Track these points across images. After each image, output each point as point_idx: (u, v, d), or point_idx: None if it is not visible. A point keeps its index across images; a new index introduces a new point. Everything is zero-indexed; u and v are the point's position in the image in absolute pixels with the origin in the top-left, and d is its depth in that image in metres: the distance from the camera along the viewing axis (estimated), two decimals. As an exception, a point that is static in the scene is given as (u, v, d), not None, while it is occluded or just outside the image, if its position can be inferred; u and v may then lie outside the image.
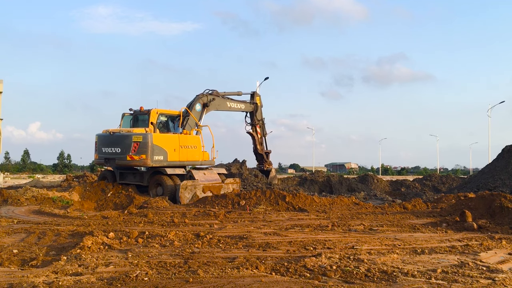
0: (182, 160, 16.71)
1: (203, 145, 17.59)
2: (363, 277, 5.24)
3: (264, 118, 22.40)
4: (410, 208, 13.21)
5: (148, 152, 15.64)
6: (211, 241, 7.57)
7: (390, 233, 8.75)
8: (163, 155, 16.05)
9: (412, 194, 20.63)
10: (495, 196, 11.02)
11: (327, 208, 12.92)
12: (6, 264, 6.00)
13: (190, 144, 17.02)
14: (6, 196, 14.21)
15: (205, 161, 17.83)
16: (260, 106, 21.91)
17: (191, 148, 17.03)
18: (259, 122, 21.85)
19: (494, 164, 21.65)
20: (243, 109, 21.21)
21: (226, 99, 20.05)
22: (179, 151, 16.58)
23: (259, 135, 21.98)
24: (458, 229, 9.33)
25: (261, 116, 21.97)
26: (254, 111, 21.59)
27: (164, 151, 16.11)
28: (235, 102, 20.54)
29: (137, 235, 7.98)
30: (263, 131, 22.26)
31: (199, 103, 18.47)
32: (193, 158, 17.10)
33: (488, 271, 5.63)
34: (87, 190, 16.61)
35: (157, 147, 15.86)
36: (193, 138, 17.26)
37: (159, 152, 15.94)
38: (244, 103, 21.10)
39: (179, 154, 16.58)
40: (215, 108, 19.38)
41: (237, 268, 5.56)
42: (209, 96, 18.82)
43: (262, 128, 22.12)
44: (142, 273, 5.22)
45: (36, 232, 8.46)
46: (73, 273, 5.33)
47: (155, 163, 15.86)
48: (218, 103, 19.49)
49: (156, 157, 15.82)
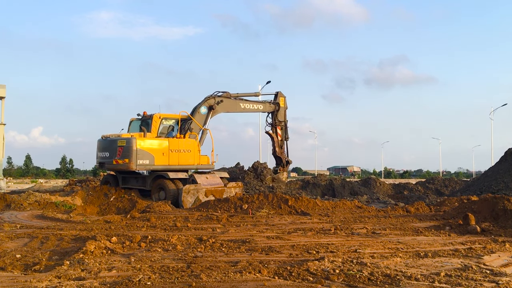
0: (173, 164, 16.59)
1: (199, 149, 17.35)
2: (366, 281, 5.23)
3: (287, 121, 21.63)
4: (413, 211, 13.18)
5: (131, 156, 15.86)
6: (214, 245, 7.56)
7: (393, 237, 8.73)
8: (149, 159, 16.13)
9: (415, 197, 20.57)
10: (498, 199, 10.98)
11: (329, 212, 12.90)
12: (9, 269, 6.01)
13: (183, 148, 16.82)
14: (9, 201, 14.25)
15: (202, 165, 17.55)
16: (284, 108, 21.19)
17: (184, 152, 16.82)
18: (281, 123, 21.09)
19: (497, 167, 21.58)
20: (262, 109, 20.79)
21: (239, 100, 19.67)
22: (168, 155, 16.50)
23: (279, 137, 21.21)
24: (461, 232, 9.30)
25: (283, 117, 21.18)
26: (275, 111, 20.96)
27: (150, 155, 16.18)
28: (250, 103, 20.04)
29: (139, 240, 7.98)
30: (284, 134, 21.40)
31: (205, 105, 18.29)
32: (187, 162, 16.90)
33: (492, 274, 5.60)
34: (89, 194, 16.66)
35: (142, 151, 16.00)
36: (187, 142, 17.01)
37: (144, 156, 16.04)
38: (263, 103, 20.64)
39: (169, 158, 16.52)
40: (224, 110, 19.12)
41: (240, 272, 5.56)
42: (216, 98, 18.56)
43: (283, 131, 21.31)
44: (145, 278, 5.22)
45: (39, 237, 8.47)
46: (76, 277, 5.33)
47: (140, 167, 16.08)
48: (228, 105, 19.19)
49: (141, 161, 15.99)
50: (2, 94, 24.80)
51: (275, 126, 21.02)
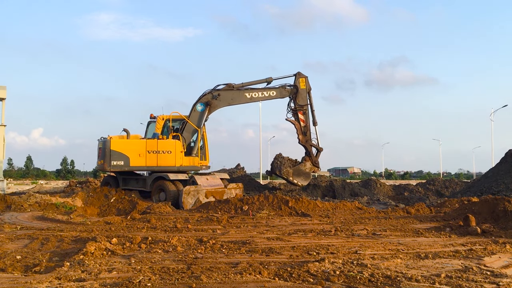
0: (151, 165, 16.67)
1: (182, 150, 16.91)
2: (366, 282, 5.23)
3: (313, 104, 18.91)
4: (414, 212, 13.17)
5: (105, 157, 16.47)
6: (214, 246, 7.56)
7: (394, 238, 8.72)
8: (123, 160, 16.45)
9: (415, 198, 20.54)
10: (498, 200, 10.98)
11: (330, 213, 12.90)
12: (9, 270, 6.01)
13: (163, 149, 16.73)
14: (10, 202, 14.26)
15: (185, 167, 17.10)
16: (306, 90, 18.58)
17: (164, 153, 16.73)
18: (302, 108, 18.58)
19: (498, 168, 21.56)
20: (275, 96, 18.46)
21: (244, 90, 18.04)
22: (145, 156, 16.58)
23: (302, 123, 18.61)
24: (462, 234, 9.29)
25: (305, 101, 18.60)
26: (293, 95, 18.56)
27: (125, 157, 16.46)
28: (259, 90, 18.20)
29: (140, 241, 7.98)
30: (307, 119, 18.72)
31: (202, 102, 17.58)
32: (166, 163, 16.75)
33: (492, 276, 5.60)
34: (90, 195, 16.69)
35: (116, 153, 16.44)
36: (167, 143, 16.90)
37: (118, 158, 16.44)
38: (277, 89, 18.45)
39: (146, 159, 16.61)
40: (226, 104, 17.90)
41: (240, 273, 5.55)
42: (214, 93, 17.60)
43: (307, 116, 18.70)
44: (145, 279, 5.21)
45: (39, 238, 8.47)
46: (76, 279, 5.33)
47: (114, 168, 16.55)
48: (230, 97, 17.87)
49: (115, 162, 16.44)
50: (2, 95, 24.83)
51: (296, 111, 18.60)
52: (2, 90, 25.02)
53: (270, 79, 18.26)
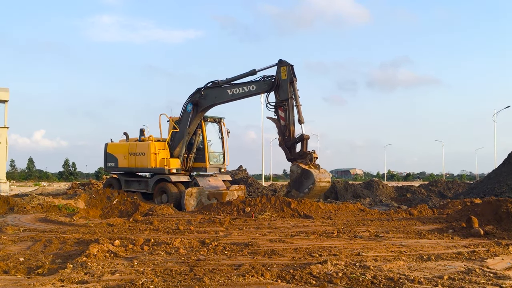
0: (131, 166, 17.54)
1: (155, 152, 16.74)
2: (369, 284, 5.22)
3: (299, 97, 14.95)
4: (416, 214, 13.14)
5: (104, 159, 18.18)
6: (217, 248, 7.56)
7: (396, 240, 8.70)
8: (114, 162, 17.86)
9: (418, 200, 20.51)
10: (501, 201, 10.94)
11: (332, 215, 12.88)
12: (12, 272, 6.03)
13: (139, 151, 17.25)
14: (12, 204, 14.30)
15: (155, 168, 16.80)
16: (287, 81, 14.85)
17: (140, 155, 17.21)
18: (280, 103, 14.94)
19: (500, 169, 21.52)
20: (255, 90, 15.62)
21: (226, 87, 16.07)
22: (128, 158, 17.47)
23: (281, 121, 14.94)
24: (465, 235, 9.27)
25: (286, 94, 14.82)
26: (274, 88, 14.99)
27: (115, 158, 17.81)
28: (240, 86, 15.76)
29: (142, 243, 7.99)
30: (289, 116, 14.79)
31: (191, 102, 16.76)
32: (141, 165, 17.21)
33: (495, 278, 5.58)
34: (92, 197, 16.73)
35: (110, 155, 18.02)
36: (141, 145, 17.26)
37: (111, 159, 17.97)
38: (256, 82, 15.57)
39: (128, 161, 17.50)
40: (211, 102, 16.43)
41: (243, 275, 5.55)
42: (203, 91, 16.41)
43: (287, 112, 14.81)
44: (148, 281, 5.22)
45: (42, 240, 8.49)
46: (79, 281, 5.34)
47: (108, 169, 18.29)
48: (214, 95, 16.23)
49: (109, 164, 18.07)
50: (5, 97, 24.94)
51: (276, 107, 15.08)
52: (4, 92, 25.13)
53: (254, 71, 15.63)
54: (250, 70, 15.70)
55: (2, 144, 23.58)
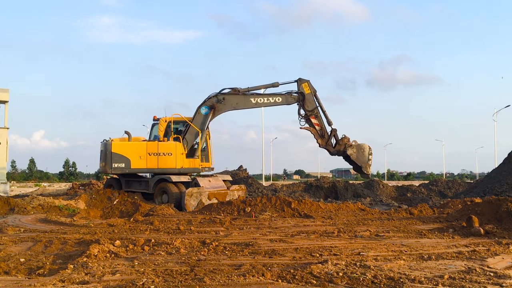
0: (151, 167, 16.81)
1: (184, 152, 16.87)
2: (369, 284, 5.23)
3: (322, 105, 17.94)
4: (416, 213, 13.15)
5: (107, 160, 16.69)
6: (217, 248, 7.57)
7: (397, 239, 8.71)
8: (124, 162, 16.62)
9: (418, 199, 20.54)
10: (502, 201, 10.95)
11: (332, 214, 12.89)
12: (13, 273, 6.03)
13: (163, 151, 16.81)
14: (13, 205, 14.30)
15: (186, 169, 17.06)
16: (312, 94, 17.85)
17: (165, 155, 16.81)
18: (312, 112, 17.80)
19: (501, 169, 21.53)
20: (281, 102, 17.90)
21: (249, 95, 17.70)
22: (146, 158, 16.70)
23: (316, 126, 17.90)
24: (465, 235, 9.27)
25: (312, 105, 17.77)
26: (300, 101, 17.85)
27: (126, 159, 16.62)
28: (264, 96, 17.81)
29: (143, 243, 7.99)
30: (321, 120, 17.97)
31: (207, 105, 17.56)
32: (166, 166, 16.79)
33: (496, 277, 5.59)
34: (93, 198, 16.74)
35: (117, 155, 16.63)
36: (168, 145, 16.94)
37: (119, 160, 16.62)
38: (283, 95, 17.82)
39: (147, 162, 16.73)
40: (230, 108, 17.73)
41: (243, 275, 5.56)
42: (218, 96, 17.53)
43: (319, 118, 17.92)
44: (148, 281, 5.23)
45: (42, 241, 8.50)
46: (80, 281, 5.35)
47: (115, 170, 16.76)
48: (235, 101, 17.67)
49: (116, 165, 16.63)
50: (5, 98, 24.93)
51: (308, 117, 17.87)
52: (4, 93, 25.11)
53: (277, 84, 17.85)
54: (273, 82, 17.76)
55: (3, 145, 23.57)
